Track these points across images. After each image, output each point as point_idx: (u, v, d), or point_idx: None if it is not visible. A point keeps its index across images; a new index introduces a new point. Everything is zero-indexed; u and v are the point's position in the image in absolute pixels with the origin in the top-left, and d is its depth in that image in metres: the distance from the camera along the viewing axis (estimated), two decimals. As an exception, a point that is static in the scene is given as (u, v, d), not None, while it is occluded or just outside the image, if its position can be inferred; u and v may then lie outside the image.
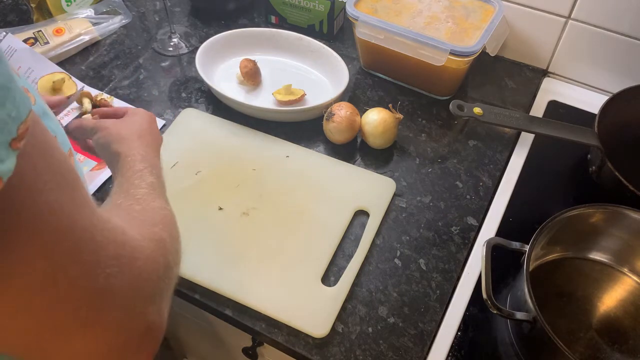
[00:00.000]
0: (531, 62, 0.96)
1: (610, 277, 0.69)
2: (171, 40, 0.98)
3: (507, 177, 0.80)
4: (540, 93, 0.93)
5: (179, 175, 0.76)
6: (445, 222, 0.74)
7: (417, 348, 0.63)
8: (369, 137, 0.80)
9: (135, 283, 0.33)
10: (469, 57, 0.81)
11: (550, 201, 0.79)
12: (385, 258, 0.70)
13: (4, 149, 0.23)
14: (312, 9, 0.96)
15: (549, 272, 0.69)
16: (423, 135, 0.85)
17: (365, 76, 0.94)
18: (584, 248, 0.70)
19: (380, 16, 0.86)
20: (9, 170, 0.24)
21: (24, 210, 0.26)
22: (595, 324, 0.65)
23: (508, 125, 0.81)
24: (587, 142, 0.77)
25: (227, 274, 0.67)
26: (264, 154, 0.80)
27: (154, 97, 0.89)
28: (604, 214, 0.67)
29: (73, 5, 1.00)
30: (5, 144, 0.23)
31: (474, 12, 0.87)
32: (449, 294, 0.68)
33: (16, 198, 0.25)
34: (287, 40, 0.93)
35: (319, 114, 0.83)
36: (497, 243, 0.64)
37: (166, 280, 0.37)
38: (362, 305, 0.66)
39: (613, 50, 0.87)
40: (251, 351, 0.79)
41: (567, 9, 0.86)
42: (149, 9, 1.06)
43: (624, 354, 0.63)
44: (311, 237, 0.70)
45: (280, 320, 0.64)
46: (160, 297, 0.36)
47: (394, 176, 0.79)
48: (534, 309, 0.56)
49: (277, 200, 0.74)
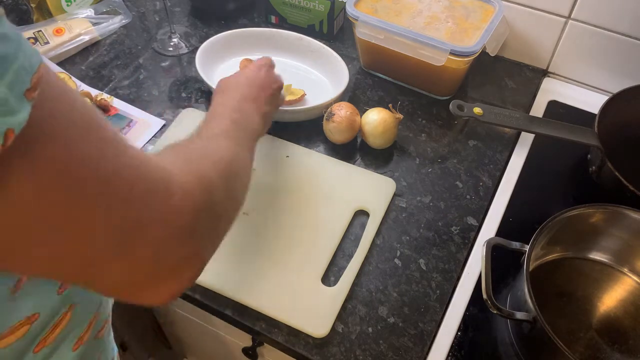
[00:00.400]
0: (531, 62, 0.96)
1: (610, 277, 0.69)
2: (171, 40, 0.98)
3: (507, 177, 0.80)
4: (540, 93, 0.93)
5: (179, 175, 0.76)
6: (445, 222, 0.74)
7: (417, 348, 0.63)
8: (369, 137, 0.80)
9: (168, 217, 0.33)
10: (469, 57, 0.81)
11: (550, 201, 0.79)
12: (385, 258, 0.70)
13: (18, 100, 0.24)
14: (312, 9, 0.96)
15: (549, 272, 0.69)
16: (423, 135, 0.85)
17: (365, 76, 0.94)
18: (584, 248, 0.70)
19: (380, 16, 0.86)
20: (24, 120, 0.24)
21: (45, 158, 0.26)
22: (595, 324, 0.65)
23: (508, 125, 0.81)
24: (587, 142, 0.77)
25: (227, 274, 0.67)
26: (264, 154, 0.80)
27: (154, 97, 0.89)
28: (604, 214, 0.67)
29: (73, 5, 1.00)
30: (20, 94, 0.24)
31: (474, 12, 0.87)
32: (449, 294, 0.68)
33: (36, 148, 0.26)
34: (287, 40, 0.93)
35: (319, 114, 0.83)
36: (497, 243, 0.64)
37: (210, 216, 0.37)
38: (362, 305, 0.66)
39: (613, 50, 0.87)
40: (251, 351, 0.79)
41: (567, 9, 0.86)
42: (149, 9, 1.06)
43: (624, 354, 0.63)
44: (311, 237, 0.70)
45: (280, 320, 0.64)
46: (200, 233, 0.36)
47: (394, 176, 0.79)
48: (534, 309, 0.56)
49: (277, 200, 0.74)
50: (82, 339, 0.47)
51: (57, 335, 0.43)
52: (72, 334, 0.46)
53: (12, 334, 0.38)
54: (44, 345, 0.42)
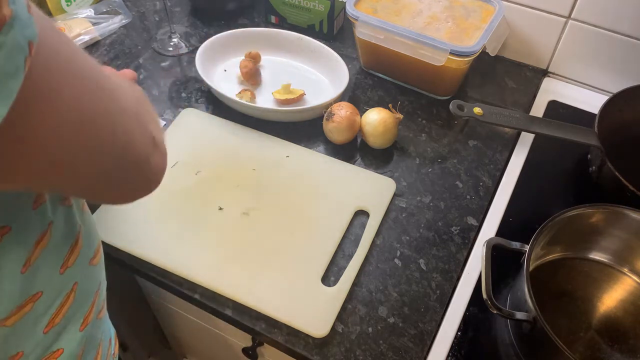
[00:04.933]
0: (531, 62, 0.96)
1: (610, 277, 0.69)
2: (171, 40, 0.98)
3: (507, 177, 0.80)
4: (540, 93, 0.93)
5: (179, 175, 0.76)
6: (445, 222, 0.74)
7: (417, 348, 0.63)
8: (369, 137, 0.80)
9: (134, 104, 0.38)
10: (469, 57, 0.81)
11: (550, 201, 0.79)
12: (385, 258, 0.70)
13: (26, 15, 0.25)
14: (312, 9, 0.96)
15: (549, 272, 0.69)
16: (423, 135, 0.85)
17: (365, 76, 0.94)
18: (584, 248, 0.70)
19: (380, 16, 0.86)
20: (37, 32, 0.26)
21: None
22: (595, 324, 0.65)
23: (508, 125, 0.81)
24: (587, 142, 0.77)
25: (227, 274, 0.67)
26: (264, 154, 0.80)
27: (154, 97, 0.89)
28: (604, 214, 0.67)
29: (73, 5, 1.00)
30: (25, 10, 0.25)
31: (474, 12, 0.87)
32: (449, 294, 0.68)
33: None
34: (287, 40, 0.93)
35: (319, 114, 0.83)
36: (497, 243, 0.64)
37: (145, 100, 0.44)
38: (362, 305, 0.66)
39: (613, 50, 0.87)
40: (251, 351, 0.79)
41: (567, 9, 0.86)
42: (149, 9, 1.06)
43: (624, 354, 0.63)
44: (311, 237, 0.70)
45: (280, 320, 0.64)
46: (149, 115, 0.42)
47: (394, 176, 0.79)
48: (534, 309, 0.56)
49: (277, 200, 0.74)
50: (87, 319, 0.49)
51: (64, 315, 0.45)
52: (78, 314, 0.47)
53: (18, 311, 0.40)
54: (52, 325, 0.44)
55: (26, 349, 0.42)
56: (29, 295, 0.41)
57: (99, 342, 0.53)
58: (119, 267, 0.70)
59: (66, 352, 0.47)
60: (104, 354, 0.54)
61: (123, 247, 0.69)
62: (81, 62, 0.31)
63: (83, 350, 0.49)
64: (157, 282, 0.69)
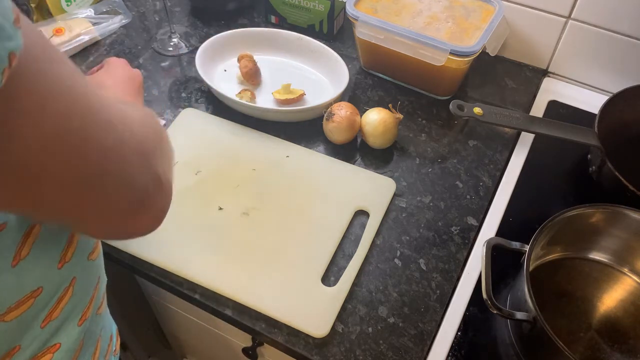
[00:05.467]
0: (531, 62, 0.96)
1: (610, 277, 0.69)
2: (171, 40, 0.98)
3: (507, 177, 0.80)
4: (540, 93, 0.93)
5: (178, 175, 0.76)
6: (445, 222, 0.74)
7: (417, 348, 0.63)
8: (369, 137, 0.80)
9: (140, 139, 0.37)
10: (469, 57, 0.81)
11: (550, 201, 0.79)
12: (385, 258, 0.70)
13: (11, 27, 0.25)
14: (312, 9, 0.96)
15: (549, 272, 0.69)
16: (423, 135, 0.85)
17: (365, 76, 0.94)
18: (584, 248, 0.70)
19: (380, 16, 0.86)
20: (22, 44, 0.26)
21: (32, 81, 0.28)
22: (595, 324, 0.65)
23: (508, 125, 0.81)
24: (587, 142, 0.77)
25: (227, 274, 0.67)
26: (264, 154, 0.80)
27: (154, 97, 0.89)
28: (604, 214, 0.67)
29: (73, 5, 1.00)
30: (11, 22, 0.25)
31: (474, 12, 0.87)
32: (449, 294, 0.68)
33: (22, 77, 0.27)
34: (287, 40, 0.93)
35: (319, 114, 0.83)
36: (497, 243, 0.64)
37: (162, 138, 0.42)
38: (362, 305, 0.66)
39: (613, 50, 0.87)
40: (251, 351, 0.79)
41: (567, 9, 0.86)
42: (149, 9, 1.06)
43: (624, 354, 0.63)
44: (311, 237, 0.70)
45: (280, 320, 0.64)
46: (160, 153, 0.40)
47: (394, 176, 0.79)
48: (534, 309, 0.56)
49: (277, 200, 0.74)
50: (86, 314, 0.49)
51: (62, 309, 0.45)
52: (76, 308, 0.47)
53: (18, 307, 0.40)
54: (50, 319, 0.44)
55: (23, 343, 0.42)
56: (29, 291, 0.41)
57: (98, 337, 0.53)
58: (119, 267, 0.70)
59: (64, 346, 0.47)
60: (103, 350, 0.54)
61: (123, 247, 0.69)
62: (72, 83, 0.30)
63: (81, 346, 0.49)
64: (157, 282, 0.69)
